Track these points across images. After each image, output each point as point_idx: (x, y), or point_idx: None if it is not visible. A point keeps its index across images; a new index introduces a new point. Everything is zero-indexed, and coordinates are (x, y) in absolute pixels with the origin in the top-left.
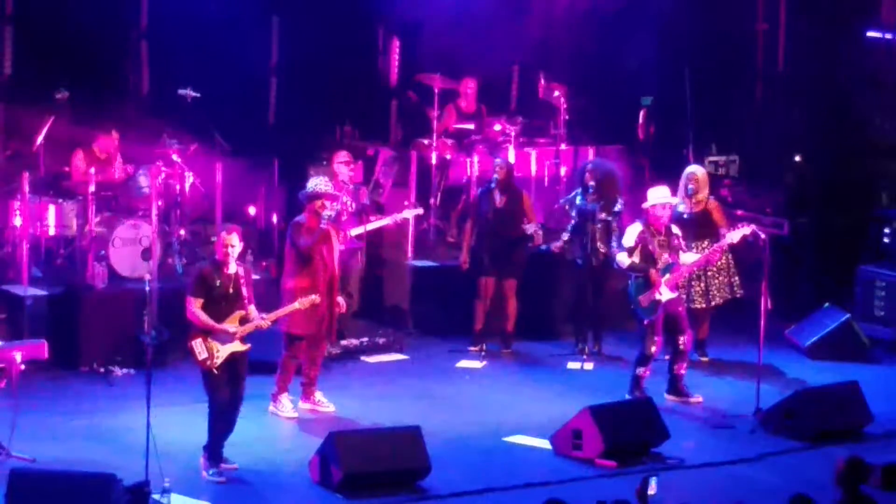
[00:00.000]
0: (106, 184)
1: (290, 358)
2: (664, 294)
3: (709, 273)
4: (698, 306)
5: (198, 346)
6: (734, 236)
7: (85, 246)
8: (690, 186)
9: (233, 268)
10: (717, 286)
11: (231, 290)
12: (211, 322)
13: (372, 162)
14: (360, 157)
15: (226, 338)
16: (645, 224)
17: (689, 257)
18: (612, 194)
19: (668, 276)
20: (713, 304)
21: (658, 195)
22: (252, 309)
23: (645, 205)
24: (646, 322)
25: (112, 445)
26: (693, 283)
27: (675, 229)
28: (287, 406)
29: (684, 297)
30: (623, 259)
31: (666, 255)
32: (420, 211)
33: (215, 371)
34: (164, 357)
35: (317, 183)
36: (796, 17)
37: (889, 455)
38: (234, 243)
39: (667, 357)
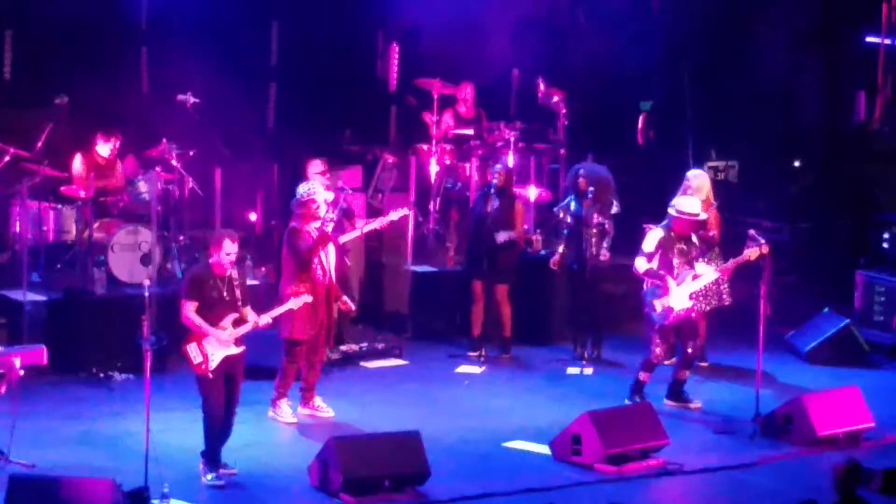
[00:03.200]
0: (105, 189)
1: (290, 363)
2: (677, 302)
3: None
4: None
5: (192, 350)
6: (752, 254)
7: (84, 251)
8: (689, 191)
9: (227, 271)
10: (705, 292)
11: (225, 293)
12: (205, 325)
13: (371, 167)
14: (359, 163)
15: (220, 341)
16: (667, 230)
17: (702, 268)
18: (606, 197)
19: (683, 285)
20: (704, 309)
21: (688, 207)
22: (247, 310)
23: (671, 211)
24: (656, 327)
25: (111, 451)
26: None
27: (695, 239)
28: (286, 411)
29: (701, 305)
30: (640, 264)
31: (684, 264)
32: (406, 212)
33: (210, 375)
34: (163, 362)
35: (309, 187)
36: (796, 21)
37: (889, 460)
38: (236, 251)
39: (667, 362)
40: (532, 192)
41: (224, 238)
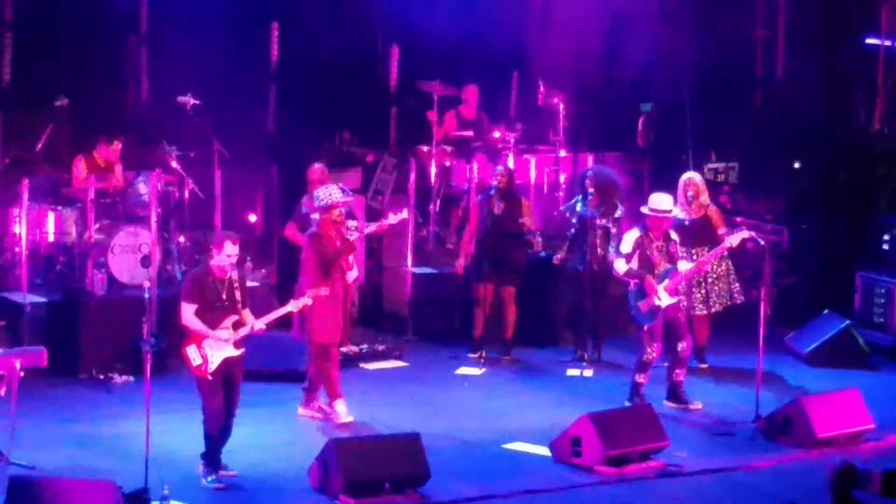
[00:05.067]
0: (105, 191)
1: (328, 365)
2: (663, 300)
3: (709, 280)
4: (698, 313)
5: (192, 352)
6: (734, 240)
7: (84, 253)
8: (690, 193)
9: (227, 273)
10: (717, 293)
11: (224, 295)
12: (205, 328)
13: (371, 169)
14: (359, 164)
15: (220, 344)
16: (643, 230)
17: (684, 265)
18: (612, 200)
19: (666, 282)
20: (713, 310)
21: (659, 203)
22: (246, 313)
23: (644, 209)
24: (645, 328)
25: (111, 453)
26: (693, 289)
27: (674, 235)
28: (343, 411)
29: (684, 303)
30: (620, 265)
31: (664, 262)
32: (405, 215)
33: (209, 377)
34: (163, 364)
35: (330, 192)
36: (795, 23)
37: (889, 462)
38: (237, 252)
39: (666, 364)
40: None
41: (225, 240)
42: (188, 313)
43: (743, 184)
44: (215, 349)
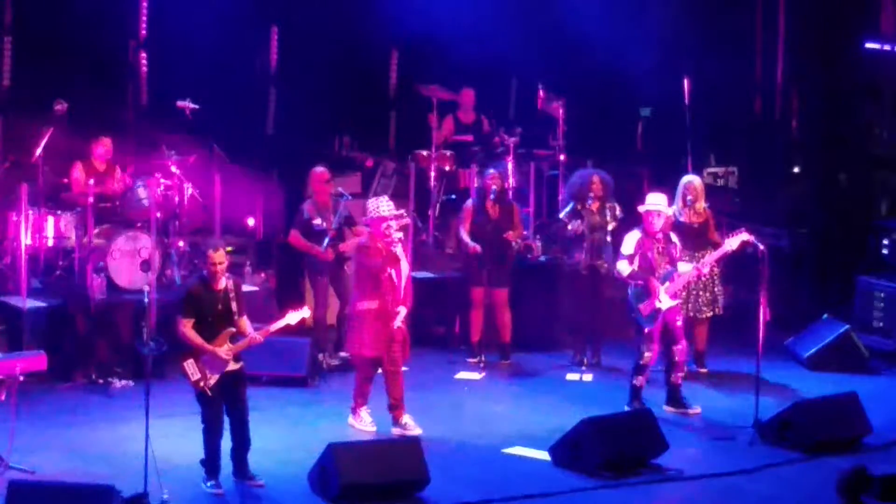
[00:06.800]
0: (105, 195)
1: (364, 379)
2: (664, 302)
3: (691, 288)
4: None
5: (190, 367)
6: (733, 242)
7: (84, 257)
8: (689, 197)
9: (222, 283)
10: (699, 300)
11: (221, 307)
12: (202, 343)
13: (371, 174)
14: (358, 169)
15: (217, 359)
16: (643, 231)
17: (684, 267)
18: (612, 202)
19: (667, 283)
20: (690, 315)
21: (654, 202)
22: (244, 322)
23: (641, 208)
24: (646, 330)
25: (111, 457)
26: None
27: (674, 238)
28: (366, 419)
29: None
30: (623, 267)
31: (664, 264)
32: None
33: (209, 393)
34: (162, 368)
35: (380, 204)
36: (795, 28)
37: (888, 466)
38: (223, 260)
39: (663, 368)
40: None
41: (208, 250)
42: (185, 328)
43: (743, 188)
44: (214, 363)
